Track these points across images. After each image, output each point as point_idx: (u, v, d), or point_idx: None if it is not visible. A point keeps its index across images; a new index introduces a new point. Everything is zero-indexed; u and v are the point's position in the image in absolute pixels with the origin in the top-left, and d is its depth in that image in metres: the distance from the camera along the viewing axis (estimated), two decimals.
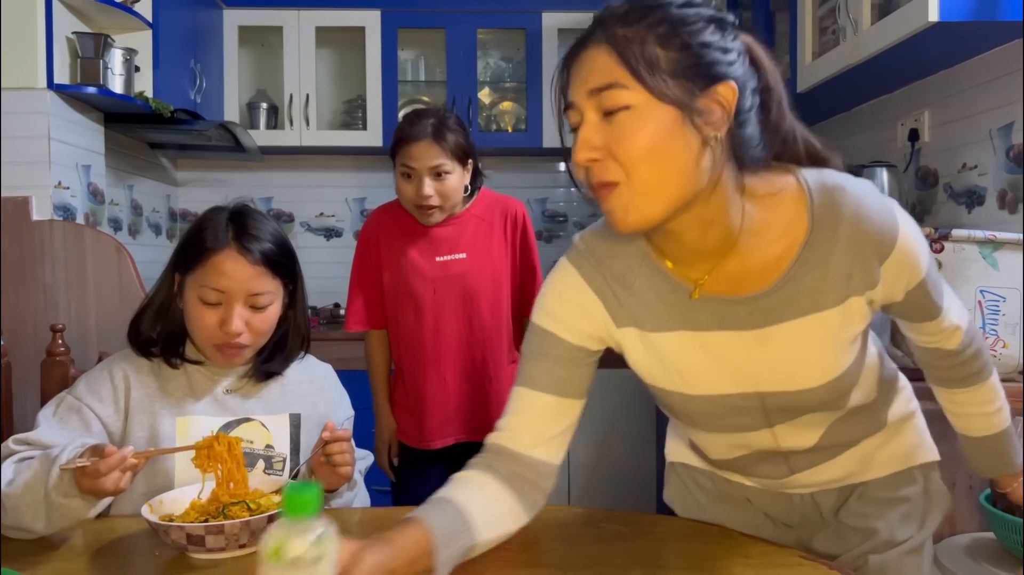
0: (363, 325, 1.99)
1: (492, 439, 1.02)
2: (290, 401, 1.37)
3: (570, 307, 0.99)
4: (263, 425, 1.33)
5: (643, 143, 0.81)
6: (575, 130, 0.86)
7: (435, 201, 1.82)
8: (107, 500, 1.15)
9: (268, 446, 1.32)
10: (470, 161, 1.87)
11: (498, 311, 1.95)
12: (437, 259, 1.90)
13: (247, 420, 1.32)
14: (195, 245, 1.28)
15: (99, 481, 1.05)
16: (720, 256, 0.92)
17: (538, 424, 1.00)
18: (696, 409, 1.03)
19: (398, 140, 1.83)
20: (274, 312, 1.31)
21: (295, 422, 1.35)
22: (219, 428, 1.28)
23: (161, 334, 1.32)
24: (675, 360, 0.99)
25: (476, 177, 1.95)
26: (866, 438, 1.13)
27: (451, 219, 1.91)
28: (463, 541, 0.92)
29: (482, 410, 1.95)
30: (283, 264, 1.31)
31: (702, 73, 0.82)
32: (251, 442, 1.31)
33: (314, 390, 1.40)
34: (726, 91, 0.83)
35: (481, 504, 0.96)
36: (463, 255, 1.91)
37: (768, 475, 1.14)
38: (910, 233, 0.94)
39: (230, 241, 1.26)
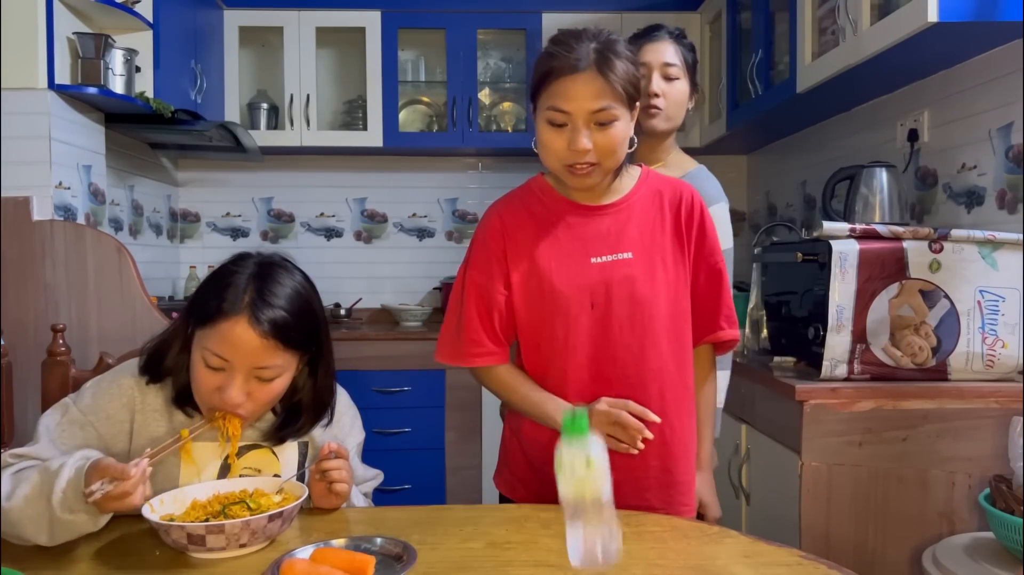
0: (495, 358, 1.39)
1: None
2: None
3: None
4: (272, 452, 1.30)
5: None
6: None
7: (592, 158, 1.29)
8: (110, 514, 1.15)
9: (275, 475, 1.28)
10: (637, 104, 1.34)
11: (680, 334, 1.39)
12: (593, 260, 1.35)
13: (256, 447, 1.29)
14: (211, 300, 1.21)
15: (127, 500, 1.06)
16: None
17: None
18: None
19: (546, 73, 1.29)
20: (280, 384, 1.24)
21: (303, 450, 1.33)
22: (227, 453, 1.26)
23: (176, 384, 1.27)
24: None
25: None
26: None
27: (609, 207, 1.39)
28: None
29: (648, 477, 1.37)
30: (298, 338, 1.23)
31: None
32: (258, 470, 1.28)
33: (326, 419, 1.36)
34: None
35: None
36: (628, 254, 1.36)
37: None
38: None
39: (243, 308, 1.18)
